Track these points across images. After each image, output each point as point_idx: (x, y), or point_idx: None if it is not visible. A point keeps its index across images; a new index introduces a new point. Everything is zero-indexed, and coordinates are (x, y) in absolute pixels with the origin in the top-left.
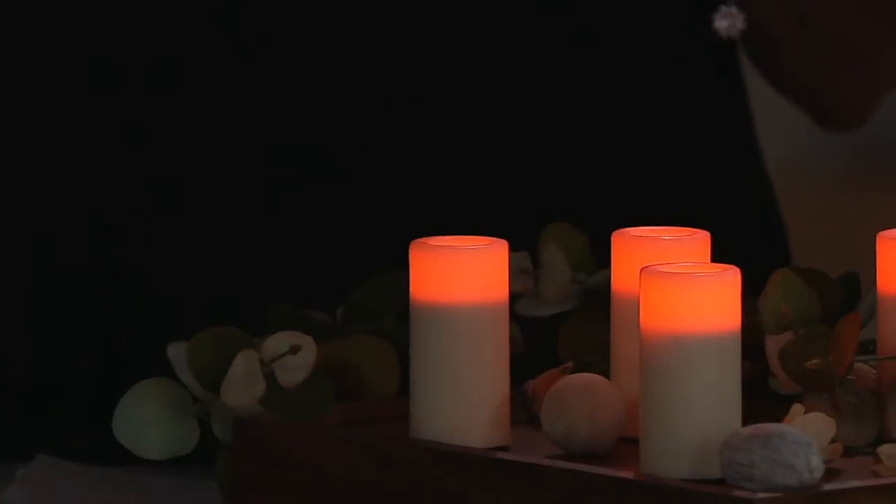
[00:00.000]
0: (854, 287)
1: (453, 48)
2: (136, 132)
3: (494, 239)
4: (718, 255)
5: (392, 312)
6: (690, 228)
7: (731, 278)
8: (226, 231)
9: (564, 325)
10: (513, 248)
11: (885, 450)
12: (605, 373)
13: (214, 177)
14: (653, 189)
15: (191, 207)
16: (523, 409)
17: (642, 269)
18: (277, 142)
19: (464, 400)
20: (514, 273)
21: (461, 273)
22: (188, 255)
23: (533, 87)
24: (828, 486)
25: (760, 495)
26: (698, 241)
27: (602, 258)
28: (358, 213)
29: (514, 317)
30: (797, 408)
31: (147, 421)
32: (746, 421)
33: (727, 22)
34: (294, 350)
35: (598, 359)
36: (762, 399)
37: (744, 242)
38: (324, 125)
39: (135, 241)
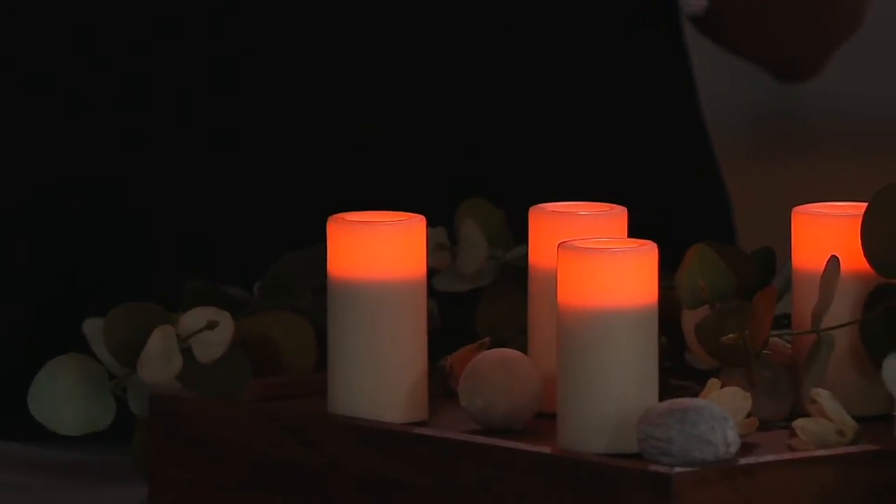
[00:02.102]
0: (769, 262)
1: (369, 24)
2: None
3: (412, 214)
4: (664, 231)
5: (309, 288)
6: (608, 204)
7: (647, 253)
8: (143, 207)
9: (482, 301)
10: (430, 224)
11: (800, 424)
12: (523, 348)
13: (134, 155)
14: (577, 165)
15: (113, 185)
16: (441, 385)
17: (560, 244)
18: (200, 119)
19: (381, 375)
20: (432, 248)
21: (379, 248)
22: (108, 232)
23: (449, 61)
24: (744, 461)
25: (677, 470)
26: (615, 216)
27: (519, 234)
28: (275, 188)
29: (432, 292)
30: (713, 382)
31: (62, 397)
32: (663, 396)
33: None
34: (211, 326)
35: (515, 334)
36: (679, 374)
37: (690, 217)
38: (246, 101)
39: (59, 217)
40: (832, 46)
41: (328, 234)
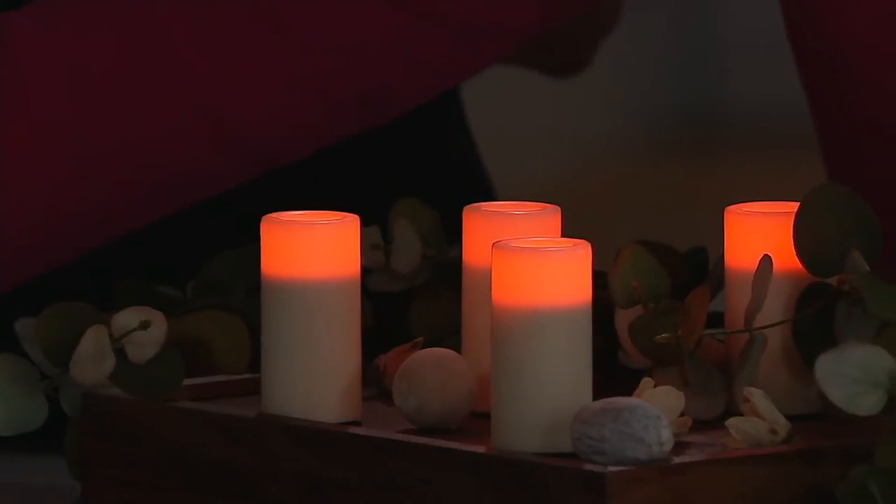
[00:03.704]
0: (702, 261)
1: None
2: None
3: (346, 214)
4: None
5: (242, 287)
6: (541, 203)
7: (581, 253)
8: None
9: (416, 300)
10: (364, 223)
11: (733, 423)
12: (457, 347)
13: None
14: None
15: None
16: (375, 384)
17: (494, 243)
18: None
19: (315, 375)
20: (366, 248)
21: (312, 248)
22: None
23: None
24: (677, 460)
25: (611, 469)
26: (549, 216)
27: (453, 233)
28: None
29: (366, 292)
30: (647, 382)
31: None
32: (597, 395)
33: None
34: (144, 325)
35: (449, 333)
36: (612, 373)
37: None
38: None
39: None
40: (596, 42)
41: (262, 234)
